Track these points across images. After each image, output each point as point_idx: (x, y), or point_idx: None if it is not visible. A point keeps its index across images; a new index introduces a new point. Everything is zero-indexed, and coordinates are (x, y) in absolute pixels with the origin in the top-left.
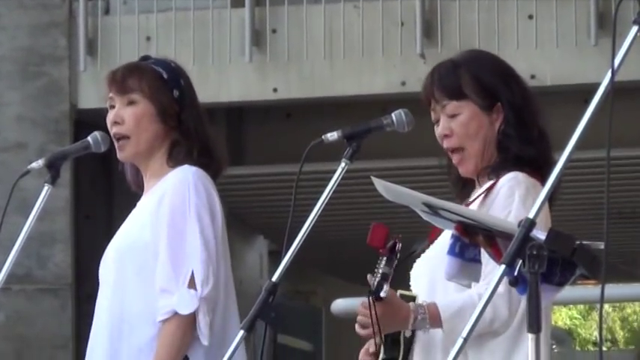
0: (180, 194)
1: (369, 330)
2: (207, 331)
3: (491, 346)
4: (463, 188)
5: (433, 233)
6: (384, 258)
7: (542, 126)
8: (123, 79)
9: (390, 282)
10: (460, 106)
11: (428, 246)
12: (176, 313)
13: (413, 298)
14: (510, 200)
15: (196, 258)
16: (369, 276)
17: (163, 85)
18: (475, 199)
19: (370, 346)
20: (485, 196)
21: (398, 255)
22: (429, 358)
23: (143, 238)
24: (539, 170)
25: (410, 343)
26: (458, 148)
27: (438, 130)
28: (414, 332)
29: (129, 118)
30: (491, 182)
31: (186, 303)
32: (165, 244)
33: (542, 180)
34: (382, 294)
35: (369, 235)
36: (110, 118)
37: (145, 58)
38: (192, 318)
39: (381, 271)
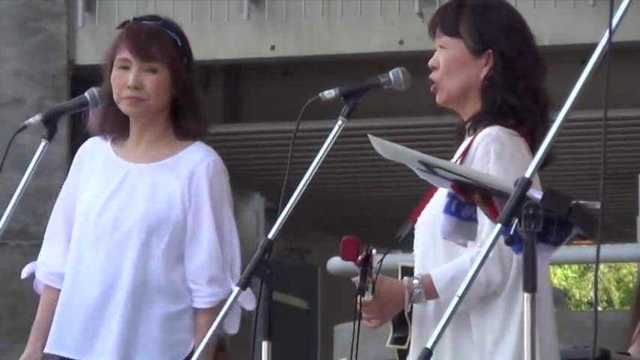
0: (217, 181)
1: (372, 323)
2: (237, 322)
3: (492, 308)
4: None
5: (417, 212)
6: (360, 270)
7: (537, 85)
8: (146, 46)
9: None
10: (451, 42)
11: (412, 227)
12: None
13: (412, 270)
14: (487, 158)
15: (235, 249)
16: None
17: (179, 53)
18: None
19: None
20: (464, 156)
21: (373, 265)
22: (422, 331)
23: (174, 217)
24: (522, 124)
25: None
26: (438, 82)
27: (429, 61)
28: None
29: (150, 85)
30: (468, 140)
31: (228, 296)
32: (214, 232)
33: (529, 134)
34: (365, 298)
35: (340, 250)
36: (124, 80)
37: (155, 18)
38: None
39: (357, 285)
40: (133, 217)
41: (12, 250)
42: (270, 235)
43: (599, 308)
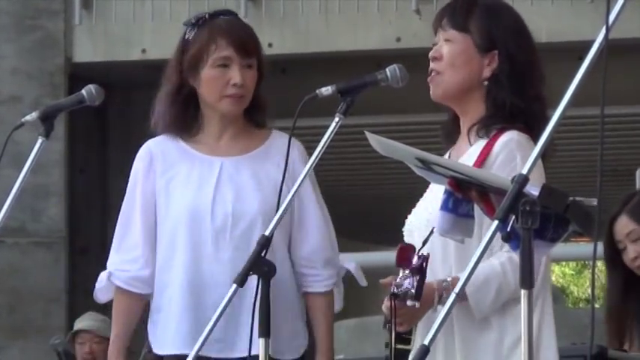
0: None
1: (402, 328)
2: (341, 299)
3: (514, 312)
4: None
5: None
6: (417, 277)
7: (539, 88)
8: (248, 42)
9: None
10: (458, 36)
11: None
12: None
13: None
14: (514, 164)
15: (332, 226)
16: (390, 278)
17: (261, 47)
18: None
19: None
20: (483, 161)
21: (426, 272)
22: (428, 330)
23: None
24: (530, 129)
25: None
26: (440, 72)
27: (431, 52)
28: None
29: (249, 81)
30: (483, 143)
31: (339, 276)
32: (320, 213)
33: (534, 138)
34: (416, 305)
35: (396, 255)
36: (228, 78)
37: (230, 12)
38: None
39: (413, 292)
40: (251, 209)
41: (10, 248)
42: (267, 232)
43: (597, 305)
